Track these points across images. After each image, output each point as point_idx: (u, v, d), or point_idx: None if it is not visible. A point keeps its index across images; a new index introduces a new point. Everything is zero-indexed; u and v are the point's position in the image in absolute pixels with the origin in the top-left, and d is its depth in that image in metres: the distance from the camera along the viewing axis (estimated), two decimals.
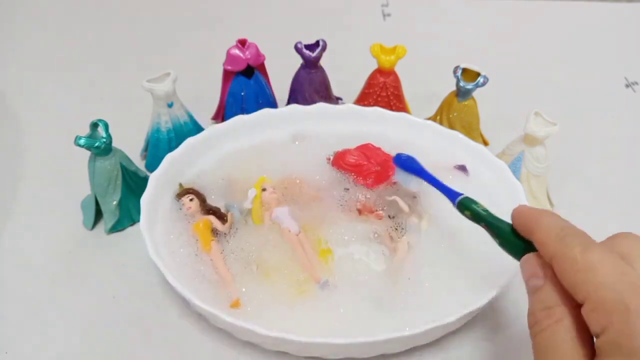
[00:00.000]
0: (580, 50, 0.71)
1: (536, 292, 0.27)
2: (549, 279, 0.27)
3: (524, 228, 0.30)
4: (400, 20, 0.76)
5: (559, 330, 0.25)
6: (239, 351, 0.38)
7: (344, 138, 0.49)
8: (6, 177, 0.51)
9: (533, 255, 0.28)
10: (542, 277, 0.27)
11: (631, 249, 0.26)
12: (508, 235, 0.31)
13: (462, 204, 0.35)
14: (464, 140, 0.48)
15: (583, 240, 0.27)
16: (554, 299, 0.26)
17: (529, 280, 0.28)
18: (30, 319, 0.40)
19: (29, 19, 0.75)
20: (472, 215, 0.34)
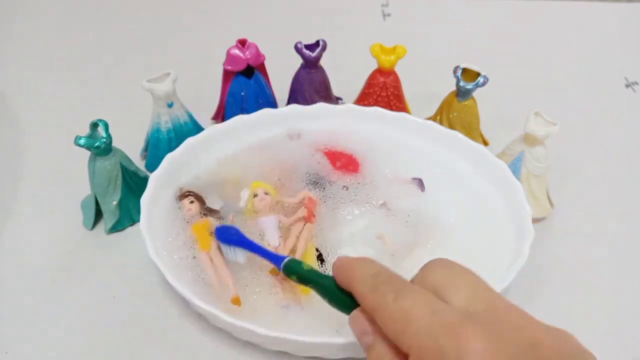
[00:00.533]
0: (580, 50, 0.71)
1: (369, 349, 0.27)
2: (378, 334, 0.26)
3: (344, 281, 0.29)
4: (400, 20, 0.76)
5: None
6: (239, 351, 0.38)
7: (343, 138, 0.49)
8: (6, 177, 0.51)
9: (359, 313, 0.28)
10: (372, 333, 0.27)
11: (443, 278, 0.26)
12: (333, 291, 0.30)
13: (288, 267, 0.34)
14: (464, 140, 0.47)
15: (395, 286, 0.26)
16: (387, 354, 0.26)
17: (359, 338, 0.27)
18: (30, 319, 0.40)
19: (29, 19, 0.75)
20: (299, 278, 0.33)
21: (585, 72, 0.67)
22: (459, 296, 0.25)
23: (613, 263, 0.45)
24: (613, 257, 0.46)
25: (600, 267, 0.45)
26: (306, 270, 0.32)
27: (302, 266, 0.33)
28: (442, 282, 0.26)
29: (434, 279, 0.27)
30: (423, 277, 0.27)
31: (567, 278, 0.44)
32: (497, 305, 0.25)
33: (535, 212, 0.45)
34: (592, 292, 0.43)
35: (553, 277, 0.44)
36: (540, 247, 0.44)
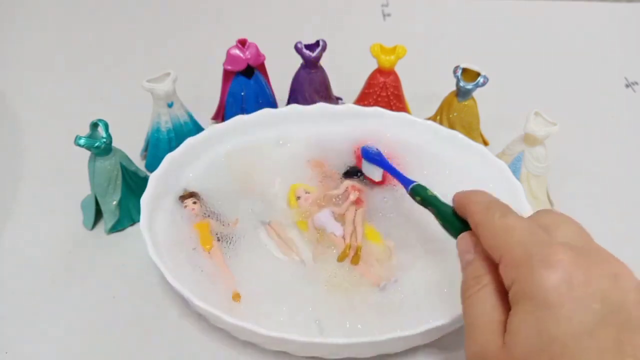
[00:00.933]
0: (580, 50, 0.71)
1: (468, 265, 0.29)
2: (479, 253, 0.29)
3: (460, 207, 0.32)
4: (400, 20, 0.76)
5: (484, 293, 0.27)
6: (239, 351, 0.38)
7: (343, 138, 0.49)
8: (6, 177, 0.51)
9: (467, 234, 0.31)
10: (473, 252, 0.29)
11: (551, 220, 0.28)
12: (449, 216, 0.33)
13: (414, 190, 0.38)
14: (464, 140, 0.47)
15: (503, 209, 0.29)
16: (482, 269, 0.28)
17: (462, 255, 0.30)
18: (30, 319, 0.40)
19: (29, 19, 0.75)
20: (422, 200, 0.37)
21: (585, 72, 0.67)
22: (561, 232, 0.27)
23: None
24: None
25: None
26: (430, 195, 0.36)
27: (427, 191, 0.37)
28: (551, 222, 0.28)
29: (543, 220, 0.28)
30: (535, 217, 0.29)
31: None
32: (594, 246, 0.27)
33: None
34: None
35: None
36: None
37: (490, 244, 0.28)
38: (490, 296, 0.27)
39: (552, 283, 0.24)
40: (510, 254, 0.26)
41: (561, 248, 0.25)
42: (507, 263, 0.26)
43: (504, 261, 0.26)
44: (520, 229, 0.27)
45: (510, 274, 0.26)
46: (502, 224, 0.28)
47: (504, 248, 0.27)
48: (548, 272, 0.24)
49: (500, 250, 0.27)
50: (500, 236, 0.27)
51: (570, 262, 0.24)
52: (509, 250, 0.26)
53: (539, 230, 0.27)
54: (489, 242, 0.28)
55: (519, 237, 0.26)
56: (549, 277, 0.24)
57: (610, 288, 0.24)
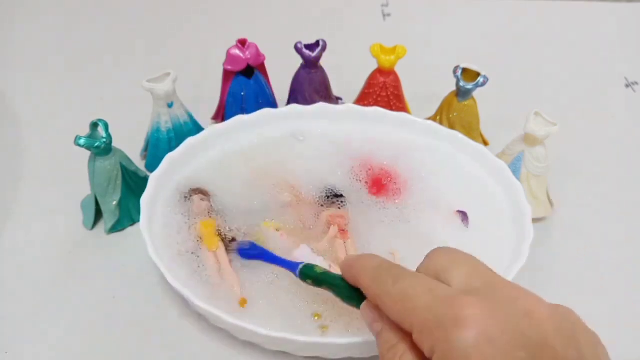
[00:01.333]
0: (580, 50, 0.71)
1: (379, 335, 0.28)
2: (386, 322, 0.28)
3: (351, 276, 0.31)
4: (400, 20, 0.76)
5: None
6: (239, 351, 0.38)
7: (344, 138, 0.49)
8: (6, 177, 0.51)
9: (367, 304, 0.29)
10: (380, 320, 0.28)
11: (444, 262, 0.27)
12: (345, 289, 0.32)
13: (303, 273, 0.35)
14: (464, 140, 0.48)
15: (395, 273, 0.28)
16: (394, 338, 0.27)
17: (371, 327, 0.29)
18: (30, 319, 0.40)
19: (29, 19, 0.75)
20: (313, 281, 0.34)
21: (585, 72, 0.67)
22: (458, 276, 0.26)
23: (613, 263, 0.45)
24: (613, 257, 0.46)
25: (600, 267, 0.45)
26: (319, 273, 0.34)
27: (315, 269, 0.34)
28: (444, 266, 0.27)
29: (436, 265, 0.28)
30: (426, 264, 0.29)
31: (567, 278, 0.44)
32: (494, 281, 0.26)
33: (535, 212, 0.45)
34: (593, 292, 0.43)
35: (553, 277, 0.44)
36: (540, 247, 0.44)
37: (394, 314, 0.26)
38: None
39: (471, 342, 0.22)
40: (419, 322, 0.25)
41: (465, 301, 0.24)
42: (419, 331, 0.25)
43: (416, 330, 0.25)
44: (418, 292, 0.26)
45: (428, 341, 0.24)
46: (399, 292, 0.26)
47: (410, 317, 0.25)
48: (463, 332, 0.23)
49: (408, 319, 0.25)
50: (402, 305, 0.26)
51: (480, 314, 0.23)
52: (416, 317, 0.25)
53: (436, 284, 0.26)
54: (393, 313, 0.27)
55: (421, 301, 0.25)
56: (466, 336, 0.23)
57: (527, 328, 0.23)
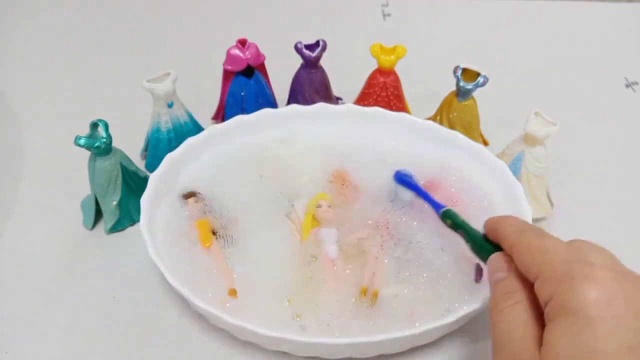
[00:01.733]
0: (580, 50, 0.71)
1: (499, 282, 0.30)
2: (512, 271, 0.29)
3: (492, 231, 0.33)
4: (400, 20, 0.76)
5: (518, 309, 0.27)
6: (239, 351, 0.38)
7: (344, 138, 0.49)
8: (6, 177, 0.51)
9: (499, 254, 0.31)
10: (506, 270, 0.30)
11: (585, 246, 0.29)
12: (480, 239, 0.35)
13: (445, 214, 0.39)
14: (464, 140, 0.47)
15: (539, 231, 0.30)
16: (515, 286, 0.28)
17: (493, 274, 0.31)
18: (30, 319, 0.40)
19: (29, 19, 0.75)
20: (452, 223, 0.38)
21: (585, 72, 0.67)
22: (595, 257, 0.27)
23: None
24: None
25: None
26: (460, 220, 0.38)
27: (458, 216, 0.38)
28: (584, 247, 0.28)
29: (577, 245, 0.29)
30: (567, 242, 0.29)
31: None
32: (627, 269, 0.27)
33: (535, 212, 0.45)
34: None
35: None
36: None
37: (527, 262, 0.28)
38: (524, 311, 0.27)
39: (594, 298, 0.24)
40: (550, 270, 0.26)
41: (601, 267, 0.25)
42: (545, 279, 0.26)
43: (542, 277, 0.26)
44: (559, 248, 0.27)
45: (549, 289, 0.26)
46: (540, 244, 0.28)
47: (543, 265, 0.27)
48: (589, 288, 0.24)
49: (539, 267, 0.27)
50: (539, 255, 0.28)
51: (610, 280, 0.25)
52: (549, 266, 0.26)
53: (577, 251, 0.27)
54: (526, 261, 0.28)
55: (560, 255, 0.27)
56: (591, 292, 0.24)
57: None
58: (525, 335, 0.26)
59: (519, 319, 0.27)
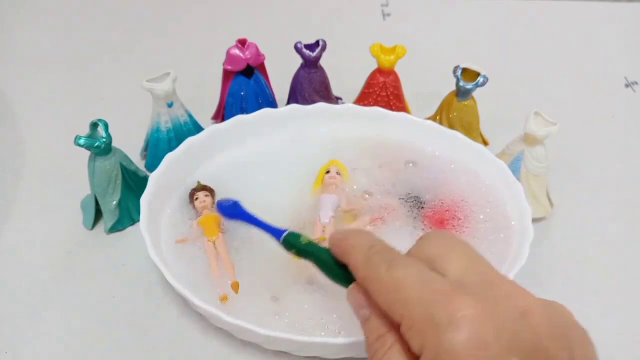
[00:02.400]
0: (580, 50, 0.71)
1: (366, 322, 0.27)
2: (374, 308, 0.26)
3: (340, 254, 0.29)
4: (400, 20, 0.76)
5: (394, 356, 0.25)
6: (239, 351, 0.38)
7: (344, 138, 0.49)
8: (6, 177, 0.51)
9: (356, 285, 0.28)
10: (368, 307, 0.27)
11: (439, 249, 0.26)
12: (331, 265, 0.30)
13: (287, 241, 0.33)
14: (464, 140, 0.47)
15: (389, 257, 0.26)
16: (382, 327, 0.26)
17: (357, 311, 0.27)
18: (30, 319, 0.40)
19: (29, 18, 0.75)
20: (298, 251, 0.33)
21: (585, 72, 0.67)
22: (453, 267, 0.25)
23: (613, 263, 0.45)
24: (613, 257, 0.46)
25: (600, 267, 0.45)
26: (304, 244, 0.32)
27: (301, 240, 0.32)
28: (438, 253, 0.26)
29: (430, 251, 0.26)
30: (419, 248, 0.27)
31: (567, 278, 0.44)
32: (491, 277, 0.25)
33: (535, 212, 0.45)
34: (592, 292, 0.43)
35: (553, 277, 0.44)
36: (540, 247, 0.44)
37: (385, 303, 0.25)
38: (399, 356, 0.24)
39: (464, 346, 0.21)
40: (410, 316, 0.23)
41: (462, 301, 0.23)
42: (409, 326, 0.24)
43: (405, 324, 0.24)
44: (412, 282, 0.24)
45: (417, 340, 0.23)
46: (391, 280, 0.25)
47: (402, 309, 0.24)
48: (457, 334, 0.22)
49: (398, 310, 0.24)
50: (394, 295, 0.24)
51: (474, 315, 0.22)
52: (408, 311, 0.24)
53: (432, 276, 0.25)
54: (383, 301, 0.25)
55: (414, 294, 0.24)
56: (459, 339, 0.22)
57: (522, 329, 0.22)
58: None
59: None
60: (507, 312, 0.23)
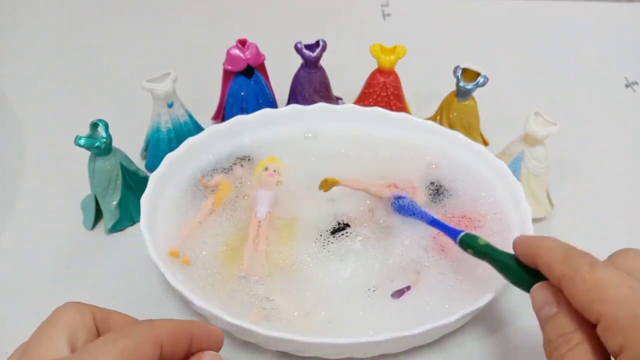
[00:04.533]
0: (580, 50, 0.71)
1: (550, 319, 0.27)
2: (562, 305, 0.26)
3: (528, 255, 0.29)
4: (400, 20, 0.76)
5: (579, 354, 0.25)
6: (239, 351, 0.38)
7: (344, 138, 0.49)
8: (6, 177, 0.51)
9: (544, 284, 0.28)
10: (556, 304, 0.27)
11: (634, 263, 0.26)
12: (512, 267, 0.31)
13: (463, 241, 0.35)
14: (464, 140, 0.47)
15: (589, 259, 0.26)
16: (569, 325, 0.26)
17: (541, 309, 0.28)
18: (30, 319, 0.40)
19: (29, 18, 0.75)
20: (474, 252, 0.34)
21: (585, 72, 0.67)
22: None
23: None
24: None
25: None
26: (483, 245, 0.33)
27: (479, 241, 0.34)
28: (635, 266, 0.26)
29: (627, 263, 0.26)
30: (615, 259, 0.27)
31: None
32: None
33: (535, 212, 0.45)
34: None
35: None
36: None
37: (583, 301, 0.25)
38: (587, 355, 0.24)
39: None
40: (612, 315, 0.23)
41: None
42: (609, 325, 0.23)
43: (604, 322, 0.24)
44: (616, 283, 0.24)
45: (617, 338, 0.23)
46: (595, 279, 0.25)
47: (603, 307, 0.24)
48: None
49: (599, 309, 0.24)
50: (596, 293, 0.24)
51: None
52: (610, 309, 0.24)
53: (636, 282, 0.24)
54: (581, 300, 0.25)
55: (619, 294, 0.24)
56: None
57: None
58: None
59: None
60: None
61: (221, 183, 0.45)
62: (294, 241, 0.42)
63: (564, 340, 0.25)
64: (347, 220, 0.43)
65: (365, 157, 0.48)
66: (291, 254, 0.41)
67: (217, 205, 0.44)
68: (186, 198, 0.44)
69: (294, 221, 0.43)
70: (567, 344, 0.25)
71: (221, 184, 0.45)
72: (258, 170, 0.46)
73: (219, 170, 0.46)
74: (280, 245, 0.41)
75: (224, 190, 0.45)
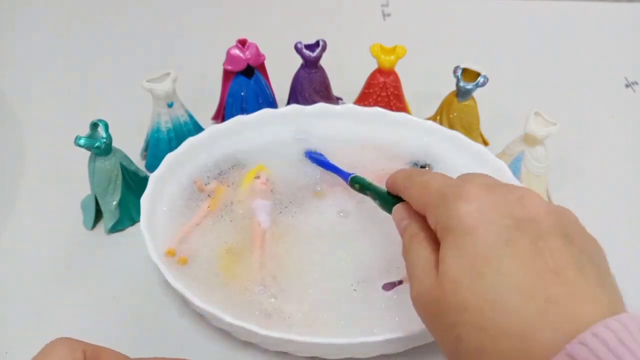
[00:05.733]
0: (580, 50, 0.71)
1: (405, 229, 0.32)
2: (412, 217, 0.32)
3: (391, 185, 0.36)
4: (400, 20, 0.76)
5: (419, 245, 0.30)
6: (239, 351, 0.38)
7: (344, 138, 0.49)
8: (6, 177, 0.51)
9: (400, 204, 0.34)
10: (408, 217, 0.33)
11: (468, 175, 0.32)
12: (384, 195, 0.37)
13: (353, 179, 0.42)
14: (464, 140, 0.47)
15: (422, 171, 0.36)
16: (416, 229, 0.31)
17: (398, 224, 0.33)
18: (30, 319, 0.40)
19: (29, 18, 0.75)
20: (360, 187, 0.41)
21: (585, 72, 0.67)
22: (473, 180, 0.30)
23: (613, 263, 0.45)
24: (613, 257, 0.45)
25: None
26: (367, 182, 0.41)
27: (365, 179, 0.41)
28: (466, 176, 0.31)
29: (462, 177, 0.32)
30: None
31: None
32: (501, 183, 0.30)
33: None
34: None
35: None
36: None
37: (417, 199, 0.31)
38: (425, 243, 0.29)
39: (465, 211, 0.27)
40: (431, 201, 0.29)
41: (470, 185, 0.28)
42: (429, 208, 0.29)
43: (428, 209, 0.29)
44: (435, 180, 0.31)
45: (433, 216, 0.29)
46: (422, 181, 0.32)
47: (427, 197, 0.30)
48: (461, 204, 0.27)
49: (425, 200, 0.30)
50: (423, 190, 0.31)
51: (478, 193, 0.27)
52: (430, 197, 0.30)
53: (453, 179, 0.31)
54: (416, 199, 0.31)
55: (436, 185, 0.30)
56: (462, 207, 0.27)
57: (518, 207, 0.27)
58: (427, 261, 0.28)
59: (421, 251, 0.29)
60: (507, 195, 0.27)
61: (216, 188, 0.45)
62: (297, 244, 0.41)
63: (412, 239, 0.31)
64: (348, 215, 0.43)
65: (365, 157, 0.48)
66: (295, 256, 0.41)
67: (212, 208, 0.44)
68: (186, 198, 0.44)
69: (296, 223, 0.43)
70: (417, 243, 0.30)
71: (216, 189, 0.45)
72: (247, 180, 0.46)
73: (215, 173, 0.46)
74: (285, 249, 0.41)
75: (220, 194, 0.44)
